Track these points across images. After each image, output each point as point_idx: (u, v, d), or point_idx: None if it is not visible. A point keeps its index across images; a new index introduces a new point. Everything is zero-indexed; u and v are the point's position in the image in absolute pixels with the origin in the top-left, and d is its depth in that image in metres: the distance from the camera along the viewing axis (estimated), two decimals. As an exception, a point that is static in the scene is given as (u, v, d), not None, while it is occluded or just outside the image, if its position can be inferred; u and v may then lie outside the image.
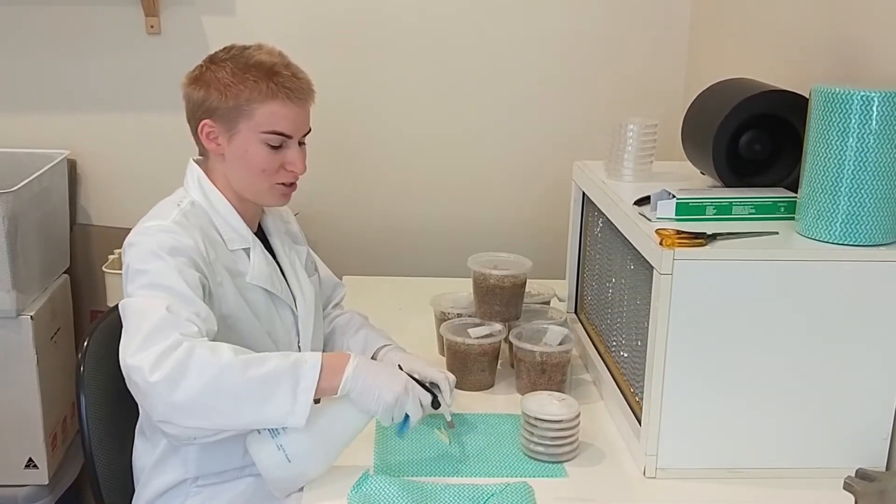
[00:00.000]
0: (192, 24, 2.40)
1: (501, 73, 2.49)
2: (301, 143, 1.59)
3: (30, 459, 2.20)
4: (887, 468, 1.44)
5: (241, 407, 1.34)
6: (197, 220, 1.53)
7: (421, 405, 1.44)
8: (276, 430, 1.38)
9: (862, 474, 1.24)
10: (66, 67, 2.42)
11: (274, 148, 1.54)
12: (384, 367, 1.49)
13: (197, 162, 1.62)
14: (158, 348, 1.32)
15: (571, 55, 2.49)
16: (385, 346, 1.72)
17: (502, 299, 1.81)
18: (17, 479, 2.21)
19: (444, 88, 2.49)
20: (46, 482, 2.23)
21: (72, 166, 2.46)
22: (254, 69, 1.52)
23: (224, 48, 1.57)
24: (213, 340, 1.39)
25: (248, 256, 1.59)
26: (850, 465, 1.34)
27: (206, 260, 1.49)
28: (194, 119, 1.56)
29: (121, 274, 1.53)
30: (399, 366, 1.53)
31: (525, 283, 1.84)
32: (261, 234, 1.66)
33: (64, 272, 2.42)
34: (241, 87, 1.51)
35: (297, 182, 1.62)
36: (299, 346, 1.67)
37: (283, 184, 1.58)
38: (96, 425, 1.60)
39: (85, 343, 1.62)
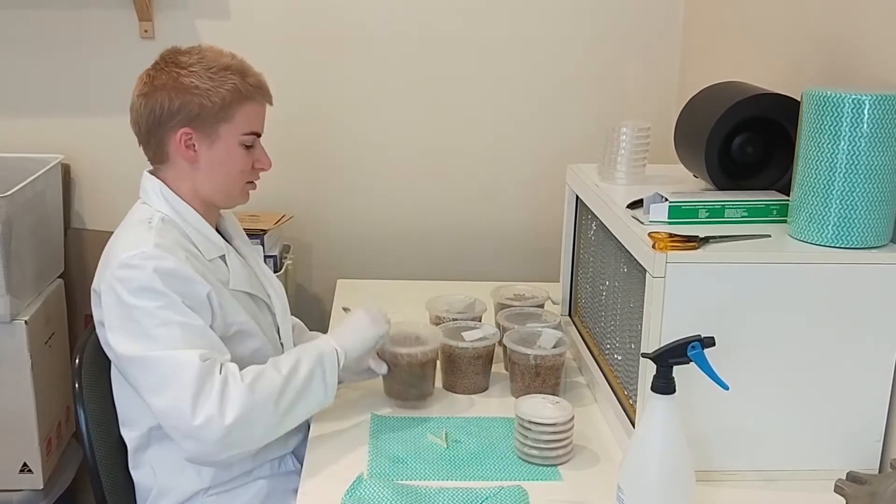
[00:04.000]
0: (185, 29, 2.40)
1: (496, 77, 2.49)
2: None
3: (24, 464, 2.20)
4: (880, 470, 1.45)
5: (296, 416, 1.50)
6: (172, 235, 1.51)
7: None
8: None
9: (853, 477, 1.24)
10: (60, 72, 2.42)
11: (248, 148, 1.57)
12: (347, 322, 1.63)
13: (152, 173, 1.59)
14: (214, 398, 1.40)
15: (564, 58, 2.49)
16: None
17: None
18: (11, 484, 2.21)
19: (439, 92, 2.50)
20: (41, 487, 2.23)
21: (66, 170, 2.46)
22: (227, 71, 1.52)
23: (174, 52, 1.55)
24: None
25: (226, 263, 1.59)
26: (842, 468, 1.34)
27: (200, 273, 1.49)
28: (162, 128, 1.52)
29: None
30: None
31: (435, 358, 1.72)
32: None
33: (58, 276, 2.41)
34: (223, 91, 1.51)
35: (290, 180, 1.65)
36: (281, 342, 1.69)
37: (249, 182, 1.62)
38: (98, 437, 1.60)
39: (77, 361, 1.61)
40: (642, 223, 1.51)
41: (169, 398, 1.41)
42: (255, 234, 2.19)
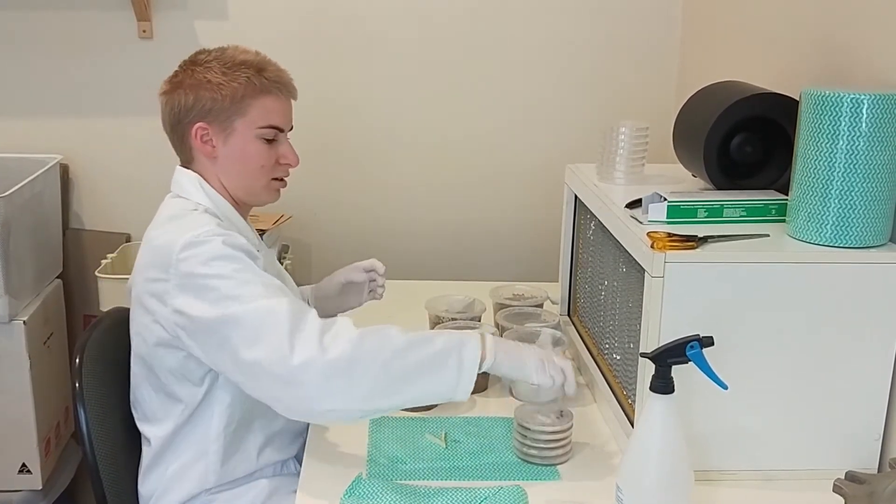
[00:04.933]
0: (184, 29, 2.40)
1: (495, 77, 2.50)
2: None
3: (23, 465, 2.20)
4: (879, 470, 1.45)
5: (414, 391, 1.39)
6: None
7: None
8: None
9: (851, 476, 1.24)
10: (59, 72, 2.42)
11: (268, 142, 1.55)
12: (527, 350, 1.48)
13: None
14: (313, 335, 1.35)
15: (563, 58, 2.49)
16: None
17: None
18: (10, 485, 2.21)
19: (438, 92, 2.50)
20: (40, 487, 2.23)
21: (64, 171, 2.46)
22: (243, 66, 1.52)
23: (198, 52, 1.56)
24: None
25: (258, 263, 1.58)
26: (841, 467, 1.35)
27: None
28: (181, 125, 1.54)
29: (114, 279, 1.53)
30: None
31: None
32: None
33: (57, 277, 2.41)
34: (236, 85, 1.51)
35: (288, 180, 1.63)
36: None
37: (276, 179, 1.60)
38: (99, 437, 1.59)
39: (77, 360, 1.60)
40: (641, 223, 1.51)
41: (263, 346, 1.35)
42: (254, 235, 2.19)
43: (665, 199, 1.52)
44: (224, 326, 1.38)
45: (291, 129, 1.61)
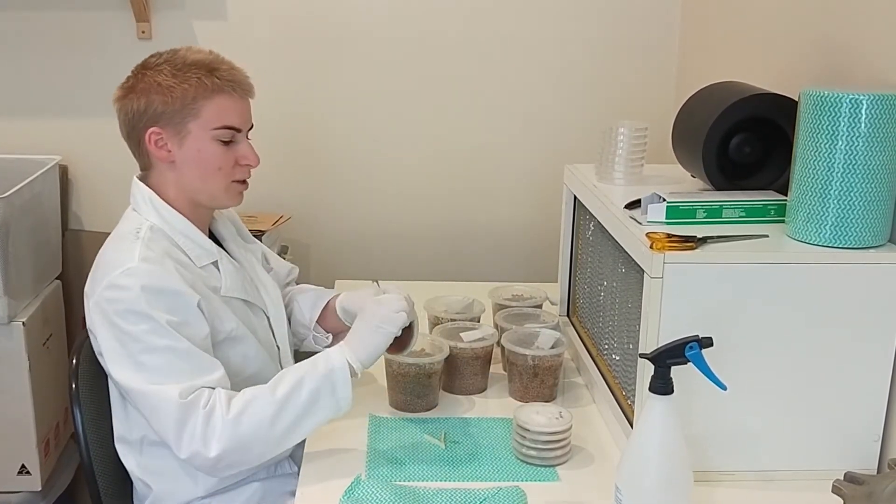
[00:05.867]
0: (183, 30, 2.40)
1: (493, 77, 2.50)
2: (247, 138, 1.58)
3: (22, 466, 2.20)
4: (878, 471, 1.45)
5: (302, 432, 1.47)
6: (160, 245, 1.49)
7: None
8: None
9: (850, 477, 1.24)
10: (58, 73, 2.42)
11: (225, 144, 1.52)
12: (360, 324, 1.53)
13: (140, 179, 1.57)
14: (197, 430, 1.40)
15: (562, 58, 2.49)
16: (336, 295, 1.78)
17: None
18: (9, 486, 2.21)
19: (437, 93, 2.50)
20: (39, 488, 2.23)
21: (63, 172, 2.46)
22: (193, 67, 1.49)
23: (151, 55, 1.54)
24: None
25: (218, 269, 1.56)
26: (841, 468, 1.34)
27: (189, 283, 1.47)
28: (136, 131, 1.51)
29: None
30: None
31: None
32: (216, 242, 1.62)
33: (56, 278, 2.41)
34: (186, 87, 1.47)
35: (288, 181, 1.61)
36: (277, 346, 1.68)
37: (237, 181, 1.56)
38: (95, 438, 1.60)
39: (74, 361, 1.61)
40: (640, 223, 1.51)
41: (158, 429, 1.44)
42: (253, 236, 2.18)
43: (664, 200, 1.52)
44: (125, 393, 1.48)
45: (251, 128, 1.58)
